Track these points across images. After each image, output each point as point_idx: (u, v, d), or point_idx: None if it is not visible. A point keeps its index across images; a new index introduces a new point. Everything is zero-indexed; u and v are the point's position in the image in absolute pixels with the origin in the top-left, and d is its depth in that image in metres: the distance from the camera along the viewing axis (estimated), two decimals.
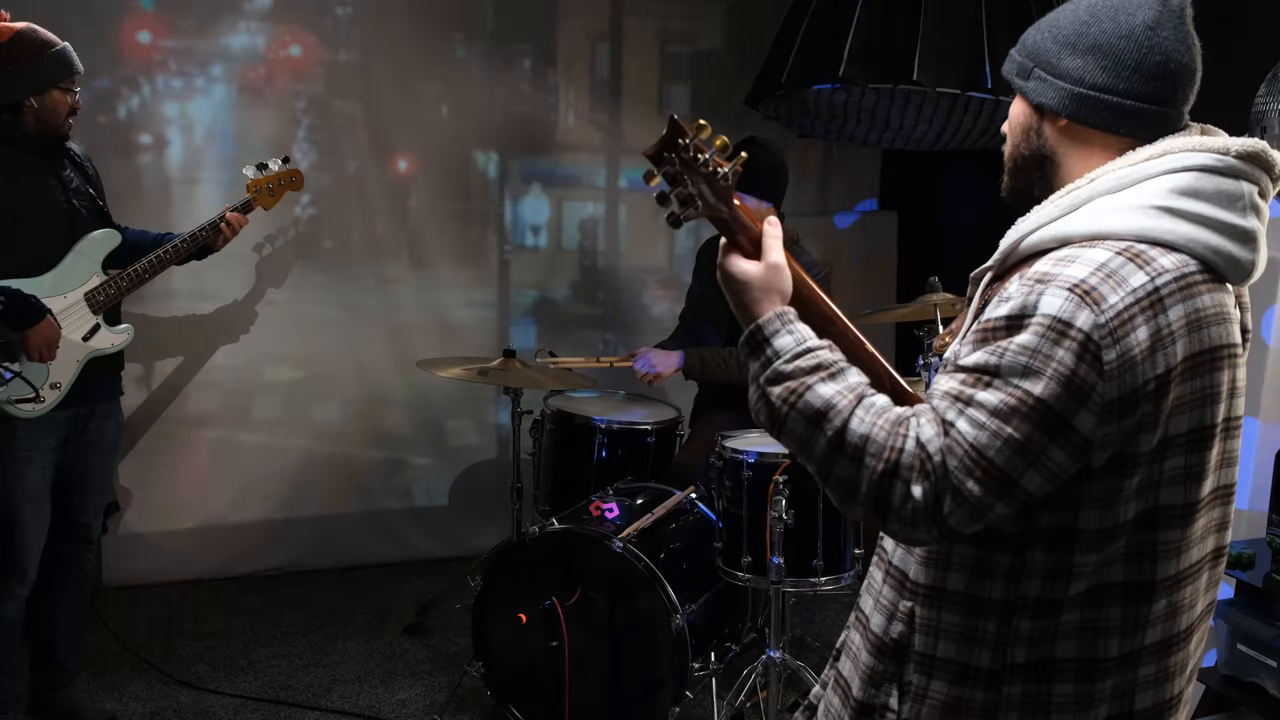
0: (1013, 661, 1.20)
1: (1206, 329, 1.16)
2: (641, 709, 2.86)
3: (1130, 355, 1.11)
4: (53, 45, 2.73)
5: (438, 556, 4.40)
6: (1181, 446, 1.17)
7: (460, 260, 4.41)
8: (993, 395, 1.13)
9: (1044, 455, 1.12)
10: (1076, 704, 1.20)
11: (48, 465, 2.81)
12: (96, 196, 2.92)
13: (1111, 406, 1.11)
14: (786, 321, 1.28)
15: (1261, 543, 2.78)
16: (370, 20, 4.13)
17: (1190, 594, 1.24)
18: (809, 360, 1.23)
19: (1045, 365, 1.11)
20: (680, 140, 1.32)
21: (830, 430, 1.18)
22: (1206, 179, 1.18)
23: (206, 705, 3.22)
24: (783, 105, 4.07)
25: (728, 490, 3.01)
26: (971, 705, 1.23)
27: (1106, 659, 1.20)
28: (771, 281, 1.32)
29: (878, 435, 1.16)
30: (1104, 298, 1.12)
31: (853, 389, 1.21)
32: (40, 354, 2.69)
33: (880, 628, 1.31)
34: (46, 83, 2.71)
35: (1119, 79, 1.23)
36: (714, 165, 1.33)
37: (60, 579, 2.97)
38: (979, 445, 1.12)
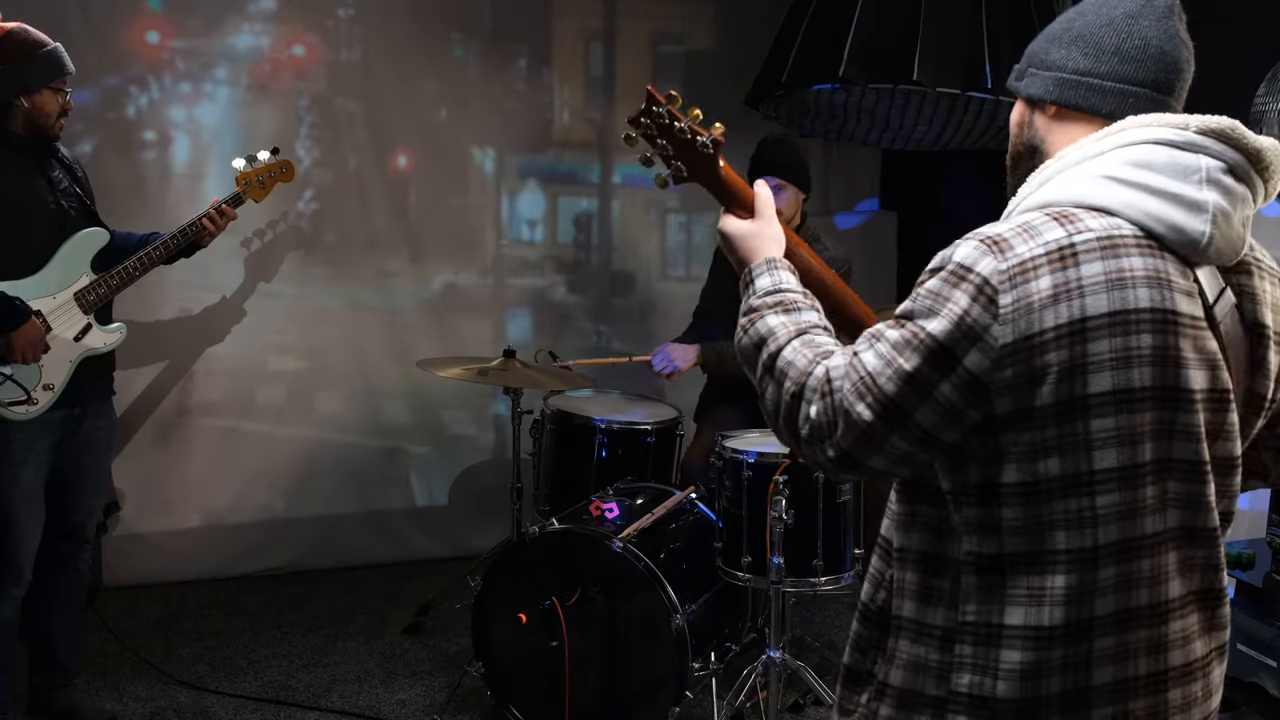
0: (964, 620, 1.22)
1: (1132, 289, 1.16)
2: (641, 709, 2.86)
3: (1028, 301, 1.14)
4: (44, 45, 2.73)
5: (438, 556, 4.40)
6: (1108, 407, 1.16)
7: (459, 256, 4.40)
8: (896, 332, 1.21)
9: (935, 390, 1.17)
10: (1023, 672, 1.20)
11: (42, 467, 2.80)
12: (85, 197, 2.91)
13: (1006, 350, 1.15)
14: (772, 266, 1.44)
15: (1261, 543, 2.78)
16: (371, 21, 4.13)
17: (1150, 569, 1.21)
18: (774, 297, 1.39)
19: (942, 305, 1.18)
20: (655, 108, 1.49)
21: (765, 354, 1.32)
22: (1161, 151, 1.21)
23: (206, 705, 3.22)
24: (783, 105, 4.07)
25: (728, 490, 3.01)
26: (929, 664, 1.25)
27: (1052, 627, 1.19)
28: (764, 232, 1.50)
29: (798, 362, 1.28)
30: (1011, 247, 1.17)
31: (797, 324, 1.34)
32: (25, 356, 2.67)
33: (868, 595, 1.34)
34: (37, 82, 2.70)
35: (1099, 62, 1.29)
36: (691, 131, 1.49)
37: (57, 580, 2.96)
38: (873, 372, 1.19)
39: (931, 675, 1.25)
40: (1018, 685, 1.20)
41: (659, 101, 1.50)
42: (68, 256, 2.80)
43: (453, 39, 4.28)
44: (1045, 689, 1.20)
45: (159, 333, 3.98)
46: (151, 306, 3.96)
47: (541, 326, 4.51)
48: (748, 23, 4.65)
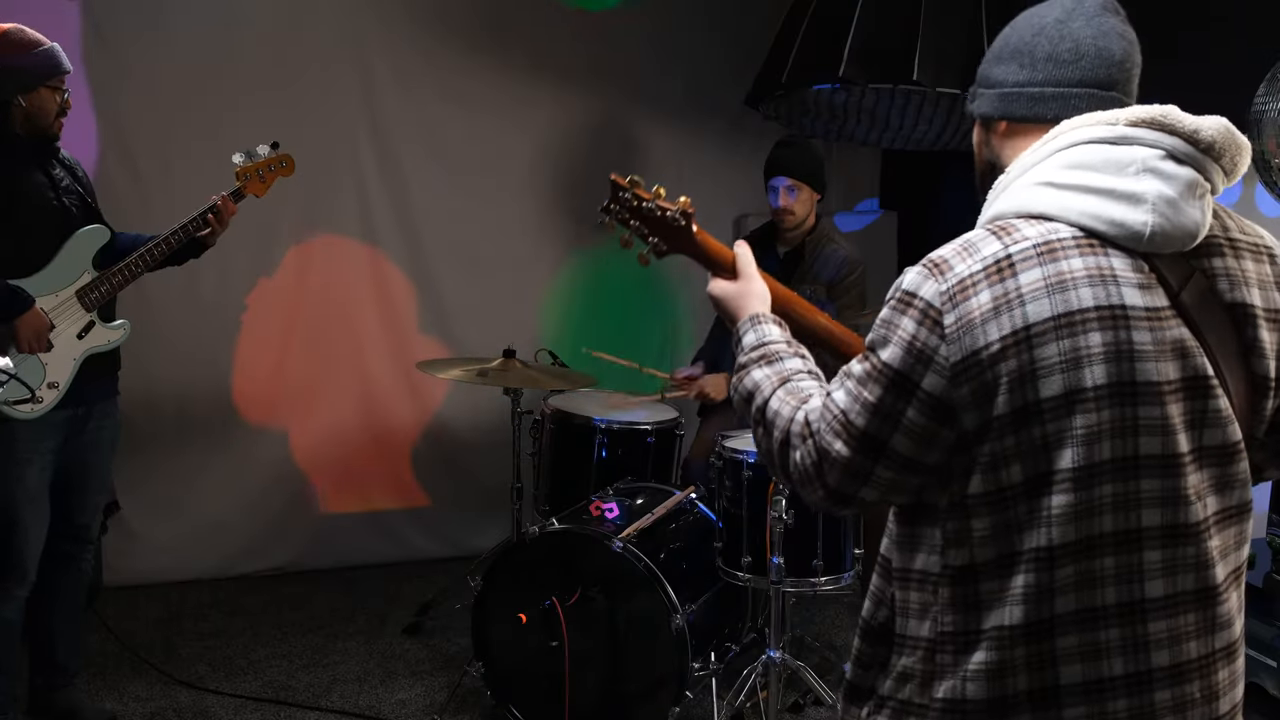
0: (943, 630, 1.25)
1: (1074, 289, 1.17)
2: (641, 709, 2.86)
3: (969, 318, 1.18)
4: (40, 44, 2.73)
5: (438, 556, 4.40)
6: (1061, 409, 1.17)
7: (461, 256, 4.40)
8: (860, 366, 1.26)
9: (902, 417, 1.21)
10: (989, 672, 1.21)
11: (47, 467, 2.80)
12: (86, 195, 2.91)
13: (958, 368, 1.18)
14: (756, 322, 1.51)
15: (1261, 543, 2.78)
16: (380, 23, 4.13)
17: (1115, 567, 1.19)
18: (759, 351, 1.45)
19: (892, 333, 1.22)
20: (621, 194, 1.64)
21: (754, 407, 1.38)
22: (1095, 150, 1.22)
23: (206, 705, 3.22)
24: (783, 105, 4.08)
25: (728, 490, 3.01)
26: (914, 672, 1.28)
27: (1013, 626, 1.20)
28: (748, 291, 1.59)
29: (783, 410, 1.33)
30: (950, 267, 1.21)
31: (780, 373, 1.39)
32: (30, 344, 2.68)
33: (869, 613, 1.36)
34: (34, 81, 2.70)
35: (1036, 71, 1.31)
36: (660, 208, 1.62)
37: (59, 579, 2.96)
38: (844, 409, 1.24)
39: (916, 683, 1.27)
40: (985, 685, 1.21)
41: (623, 186, 1.63)
42: (69, 254, 2.80)
43: (452, 39, 4.27)
44: (1012, 687, 1.21)
45: (159, 332, 3.97)
46: (152, 306, 3.95)
47: (546, 333, 4.51)
48: (748, 23, 4.64)
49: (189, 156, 3.87)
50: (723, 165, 4.68)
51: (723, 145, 4.71)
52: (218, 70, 3.93)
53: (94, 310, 2.84)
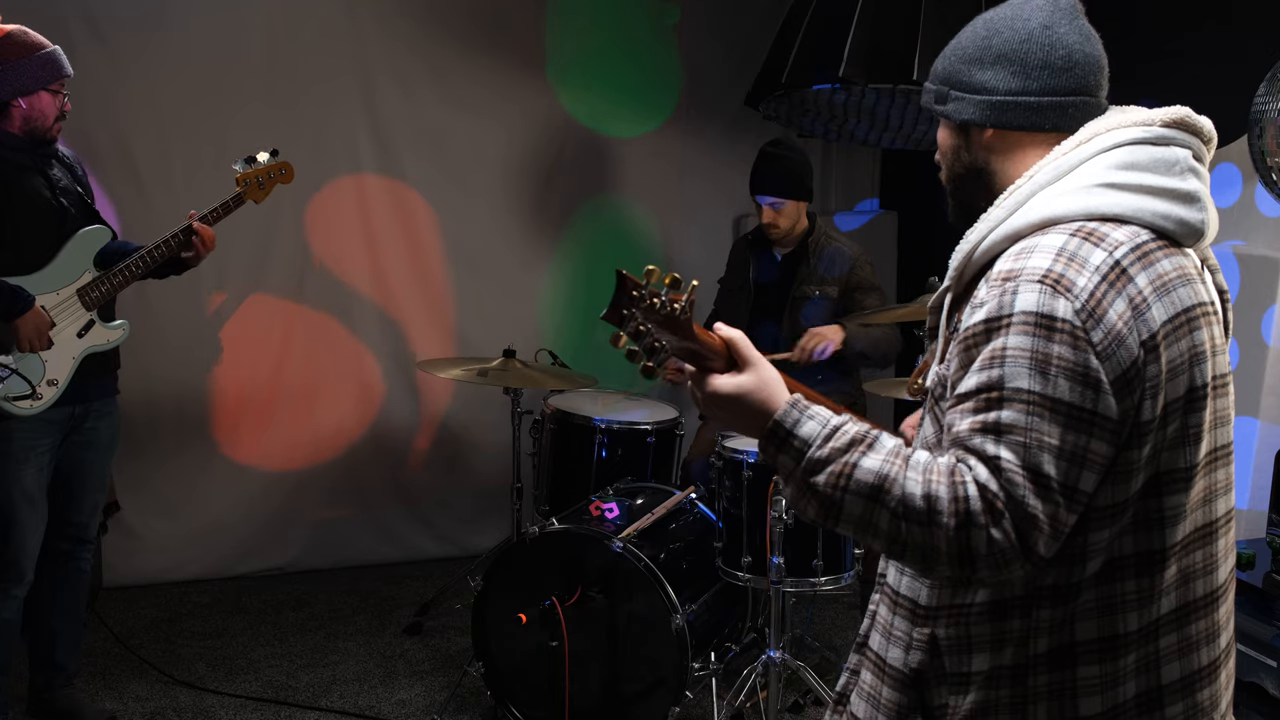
0: (1036, 653, 1.21)
1: (1174, 291, 1.18)
2: (641, 709, 2.86)
3: (1116, 331, 1.13)
4: (42, 47, 2.73)
5: (438, 556, 4.41)
6: (1179, 410, 1.18)
7: (461, 256, 4.40)
8: (1013, 412, 1.11)
9: (1089, 453, 1.12)
10: (1102, 684, 1.20)
11: (44, 466, 2.80)
12: (84, 195, 2.91)
13: (1119, 384, 1.13)
14: (803, 409, 1.23)
15: (1261, 543, 2.78)
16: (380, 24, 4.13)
17: (1204, 559, 1.23)
18: (842, 439, 1.19)
19: (1047, 363, 1.11)
20: (635, 293, 1.27)
21: (892, 501, 1.14)
22: (1140, 150, 1.22)
23: (206, 705, 3.22)
24: (783, 105, 4.08)
25: (728, 490, 3.01)
26: (1000, 704, 1.23)
27: (1126, 634, 1.19)
28: (766, 379, 1.27)
29: (940, 491, 1.12)
30: (1073, 282, 1.14)
31: (895, 453, 1.17)
32: (31, 343, 2.68)
33: (899, 660, 1.29)
34: (34, 84, 2.70)
35: (1030, 79, 1.28)
36: (670, 305, 1.28)
37: (58, 579, 2.96)
38: (1028, 465, 1.10)
39: (1004, 713, 1.23)
40: (1099, 698, 1.20)
41: (638, 285, 1.27)
42: (70, 254, 2.80)
43: (449, 40, 4.26)
44: (1123, 695, 1.20)
45: (159, 332, 3.98)
46: (152, 306, 3.96)
47: (547, 335, 4.51)
48: (748, 23, 4.64)
49: (189, 157, 3.88)
50: (723, 165, 4.68)
51: (723, 145, 4.71)
52: (217, 70, 3.93)
53: (94, 309, 2.84)
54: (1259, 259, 3.01)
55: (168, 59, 3.86)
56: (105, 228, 2.88)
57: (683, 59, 4.63)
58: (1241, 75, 2.74)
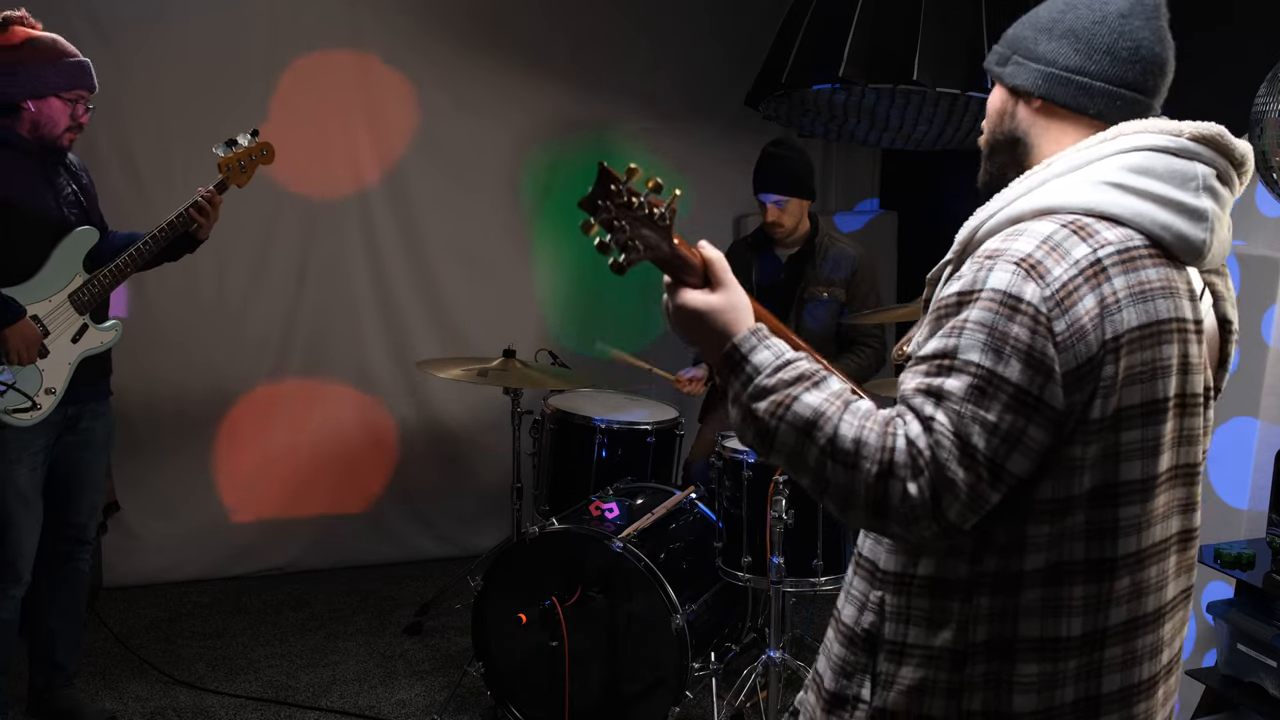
0: (974, 640, 1.21)
1: (1152, 301, 1.17)
2: (641, 709, 2.86)
3: (1080, 325, 1.13)
4: (66, 57, 2.71)
5: (438, 556, 4.41)
6: (1136, 419, 1.17)
7: (461, 256, 4.40)
8: (959, 380, 1.13)
9: (1025, 436, 1.13)
10: (1040, 683, 1.20)
11: (38, 466, 2.79)
12: (89, 208, 2.88)
13: (1071, 377, 1.13)
14: (762, 337, 1.26)
15: (1261, 543, 2.78)
16: (380, 23, 4.13)
17: (1157, 575, 1.23)
18: (790, 372, 1.22)
19: (1003, 342, 1.12)
20: (613, 186, 1.29)
21: (822, 438, 1.16)
22: (1159, 158, 1.21)
23: (206, 705, 3.22)
24: (783, 105, 4.07)
25: (728, 490, 3.01)
26: (937, 686, 1.23)
27: (1069, 638, 1.19)
28: (735, 302, 1.29)
29: (869, 438, 1.14)
30: (1049, 270, 1.14)
31: (838, 395, 1.20)
32: (20, 355, 2.65)
33: (851, 619, 1.32)
34: (46, 89, 2.68)
35: (1090, 60, 1.27)
36: (649, 207, 1.29)
37: (57, 579, 2.96)
38: (961, 433, 1.12)
39: (940, 697, 1.23)
40: (1035, 697, 1.20)
41: (617, 180, 1.29)
42: (60, 259, 2.77)
43: (452, 41, 4.27)
44: (1060, 699, 1.21)
45: (159, 332, 3.98)
46: (152, 306, 3.96)
47: (548, 333, 4.51)
48: (747, 23, 4.64)
49: (189, 156, 3.86)
50: (723, 165, 4.68)
51: (723, 145, 4.71)
52: (217, 70, 3.93)
53: (86, 313, 2.82)
54: (1259, 259, 3.01)
55: (168, 57, 3.86)
56: (92, 229, 2.84)
57: (683, 59, 4.63)
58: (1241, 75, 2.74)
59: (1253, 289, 3.01)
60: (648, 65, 4.57)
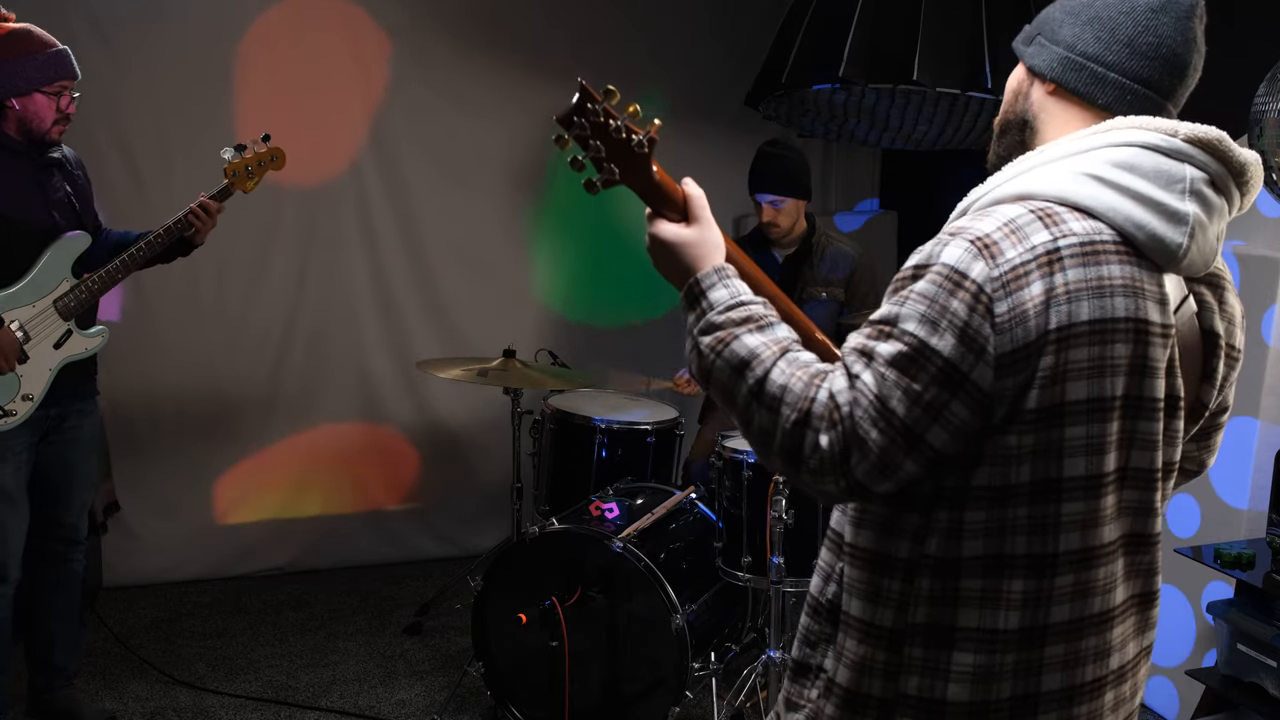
0: (914, 621, 1.21)
1: (1110, 297, 1.15)
2: (641, 709, 2.86)
3: (1023, 309, 1.12)
4: (45, 49, 2.67)
5: (438, 556, 4.41)
6: (1081, 415, 1.16)
7: (461, 256, 4.40)
8: (892, 345, 1.14)
9: (947, 410, 1.13)
10: (975, 674, 1.19)
11: (22, 465, 2.77)
12: (82, 210, 2.86)
13: (1005, 360, 1.12)
14: (724, 276, 1.31)
15: (1261, 543, 2.78)
16: (381, 23, 4.13)
17: (1104, 576, 1.21)
18: (740, 312, 1.26)
19: (941, 316, 1.13)
20: (589, 105, 1.30)
21: (752, 379, 1.20)
22: (1147, 156, 1.19)
23: (206, 705, 3.22)
24: (783, 105, 4.07)
25: (728, 490, 3.01)
26: (875, 664, 1.23)
27: (1007, 631, 1.18)
28: (707, 238, 1.35)
29: (795, 386, 1.17)
30: (1001, 251, 1.14)
31: (778, 341, 1.23)
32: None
33: (817, 589, 1.32)
34: (29, 85, 2.64)
35: (1108, 50, 1.25)
36: (627, 131, 1.31)
37: (52, 581, 2.95)
38: (881, 395, 1.13)
39: (878, 676, 1.23)
40: (969, 688, 1.19)
41: (594, 98, 1.31)
42: (48, 264, 2.74)
43: (450, 39, 4.27)
44: (996, 693, 1.20)
45: (158, 332, 3.98)
46: (151, 306, 3.96)
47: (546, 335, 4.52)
48: (748, 23, 4.65)
49: (189, 156, 3.87)
50: (723, 165, 4.67)
51: (723, 145, 4.71)
52: (217, 69, 3.93)
53: (71, 319, 2.79)
54: (1259, 259, 3.01)
55: (167, 56, 3.86)
56: (84, 234, 2.81)
57: (683, 59, 4.63)
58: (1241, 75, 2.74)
59: (1253, 289, 3.02)
60: (647, 65, 4.57)
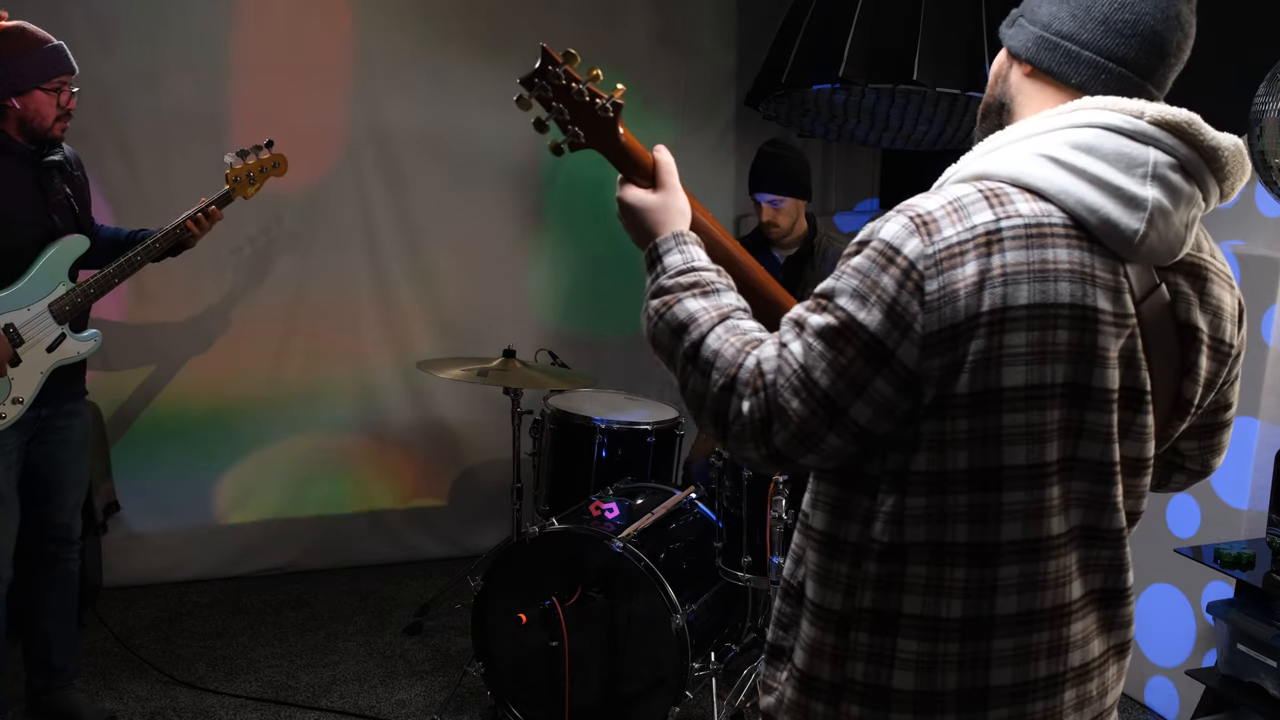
0: (861, 606, 1.19)
1: (1053, 282, 1.11)
2: (641, 709, 2.86)
3: (953, 289, 1.10)
4: (40, 46, 2.65)
5: (438, 556, 4.41)
6: (1019, 402, 1.12)
7: (461, 256, 4.41)
8: (823, 317, 1.15)
9: (870, 386, 1.12)
10: (919, 662, 1.17)
11: (12, 464, 2.76)
12: (80, 209, 2.85)
13: (932, 339, 1.11)
14: (681, 241, 1.35)
15: (1261, 543, 2.78)
16: (381, 22, 4.13)
17: (1056, 570, 1.18)
18: (689, 278, 1.30)
19: (870, 291, 1.12)
20: (550, 67, 1.35)
21: (688, 342, 1.23)
22: (1109, 138, 1.15)
23: (206, 705, 3.22)
24: (783, 105, 4.08)
25: (728, 490, 3.01)
26: (825, 649, 1.22)
27: (949, 619, 1.16)
28: (670, 204, 1.40)
29: (726, 351, 1.20)
30: (940, 229, 1.12)
31: (719, 308, 1.26)
32: None
33: (789, 572, 1.31)
34: (27, 84, 2.63)
35: (1083, 28, 1.22)
36: (590, 94, 1.36)
37: (47, 581, 2.95)
38: (805, 364, 1.14)
39: (827, 660, 1.22)
40: (913, 676, 1.17)
41: (555, 61, 1.36)
42: (45, 267, 2.74)
43: (451, 36, 4.27)
44: (941, 684, 1.17)
45: (159, 332, 3.98)
46: (151, 305, 3.96)
47: (545, 331, 4.52)
48: (748, 23, 4.65)
49: (189, 156, 3.87)
50: (722, 165, 4.69)
51: (722, 145, 4.71)
52: (217, 69, 3.93)
53: (65, 323, 2.78)
54: (1259, 259, 3.01)
55: (166, 54, 3.86)
56: (82, 237, 2.81)
57: (683, 59, 4.63)
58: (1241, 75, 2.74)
59: (1253, 289, 3.02)
60: (648, 65, 4.57)
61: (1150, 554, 3.24)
